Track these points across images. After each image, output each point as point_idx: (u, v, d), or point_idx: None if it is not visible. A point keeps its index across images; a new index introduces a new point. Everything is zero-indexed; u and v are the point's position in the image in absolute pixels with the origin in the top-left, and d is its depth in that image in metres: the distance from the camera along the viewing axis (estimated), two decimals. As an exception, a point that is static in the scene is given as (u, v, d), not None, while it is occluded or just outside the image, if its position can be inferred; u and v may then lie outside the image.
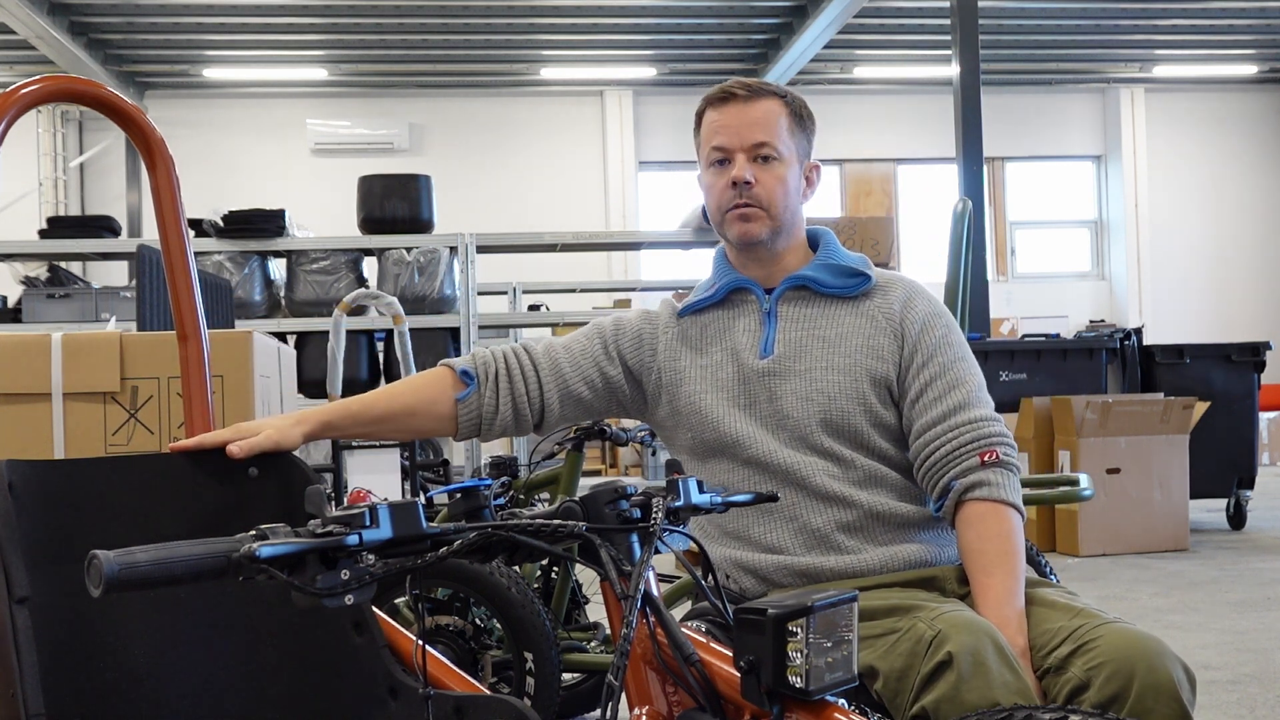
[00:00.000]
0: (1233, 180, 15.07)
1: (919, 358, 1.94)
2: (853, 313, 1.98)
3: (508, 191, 13.86)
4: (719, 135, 1.97)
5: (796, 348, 1.95)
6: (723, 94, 1.99)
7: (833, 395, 1.91)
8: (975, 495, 1.84)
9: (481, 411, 1.96)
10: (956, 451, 1.87)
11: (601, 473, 12.07)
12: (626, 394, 2.05)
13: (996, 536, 1.81)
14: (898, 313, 1.97)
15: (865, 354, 1.94)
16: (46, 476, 1.58)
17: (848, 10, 10.61)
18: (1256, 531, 7.48)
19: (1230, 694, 3.75)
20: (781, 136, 1.96)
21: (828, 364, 1.93)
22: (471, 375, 1.96)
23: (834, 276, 2.00)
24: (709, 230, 7.70)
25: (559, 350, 2.04)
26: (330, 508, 1.22)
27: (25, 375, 2.63)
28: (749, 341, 1.98)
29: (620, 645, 1.28)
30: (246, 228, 7.48)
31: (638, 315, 2.09)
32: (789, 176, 1.97)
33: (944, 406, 1.90)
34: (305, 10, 11.20)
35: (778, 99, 1.98)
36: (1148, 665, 1.57)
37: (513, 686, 3.06)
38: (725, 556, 1.94)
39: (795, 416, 1.91)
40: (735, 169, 1.95)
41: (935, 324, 1.97)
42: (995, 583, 1.76)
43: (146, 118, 1.88)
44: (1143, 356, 7.69)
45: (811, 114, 2.04)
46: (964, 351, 1.98)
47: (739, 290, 2.03)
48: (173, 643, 1.64)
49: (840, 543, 1.87)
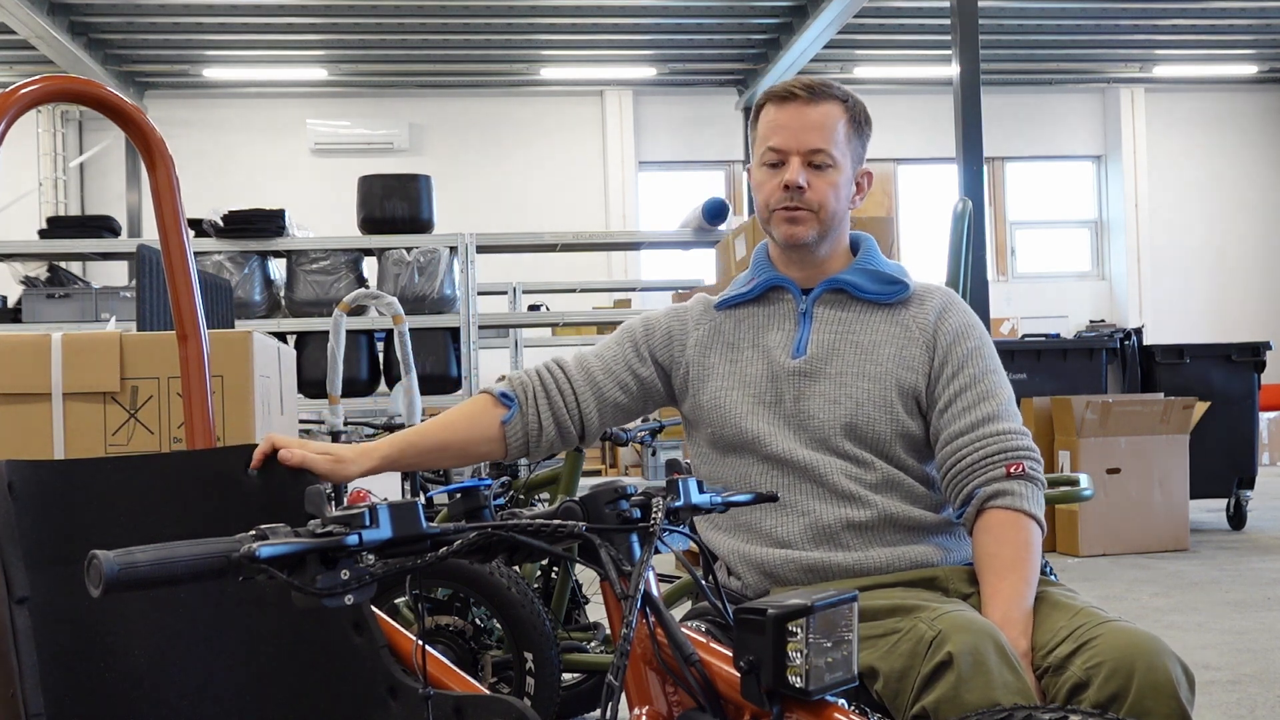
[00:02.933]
0: (1233, 180, 15.07)
1: (950, 368, 1.95)
2: (887, 320, 1.99)
3: (508, 192, 13.86)
4: (776, 135, 1.95)
5: (829, 350, 1.96)
6: (785, 92, 1.97)
7: (860, 401, 1.92)
8: (998, 504, 1.85)
9: (527, 431, 1.99)
10: (984, 461, 1.88)
11: (601, 473, 12.07)
12: (660, 391, 2.07)
13: (1014, 544, 1.81)
14: (931, 323, 1.98)
15: (896, 363, 1.94)
16: (46, 477, 1.58)
17: (848, 10, 10.61)
18: (1256, 531, 7.48)
19: (1230, 694, 3.75)
20: (838, 143, 1.95)
21: (858, 370, 1.94)
22: (511, 398, 1.98)
23: (872, 282, 2.00)
24: (709, 230, 7.70)
25: (591, 360, 2.05)
26: (330, 508, 1.22)
27: (25, 375, 2.63)
28: (782, 340, 1.99)
29: (620, 645, 1.28)
30: (246, 228, 7.49)
31: (666, 314, 2.11)
32: (841, 182, 1.97)
33: (973, 416, 1.91)
34: (305, 10, 11.19)
35: (839, 103, 1.96)
36: (1147, 663, 1.57)
37: (513, 686, 3.06)
38: (732, 549, 1.95)
39: (820, 418, 1.92)
40: (789, 172, 1.94)
41: (969, 335, 1.98)
42: (1006, 586, 1.76)
43: (146, 118, 1.88)
44: (1143, 356, 7.69)
45: (869, 118, 2.02)
46: (996, 365, 1.99)
47: (776, 288, 2.04)
48: (173, 643, 1.64)
49: (848, 541, 1.88)
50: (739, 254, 5.40)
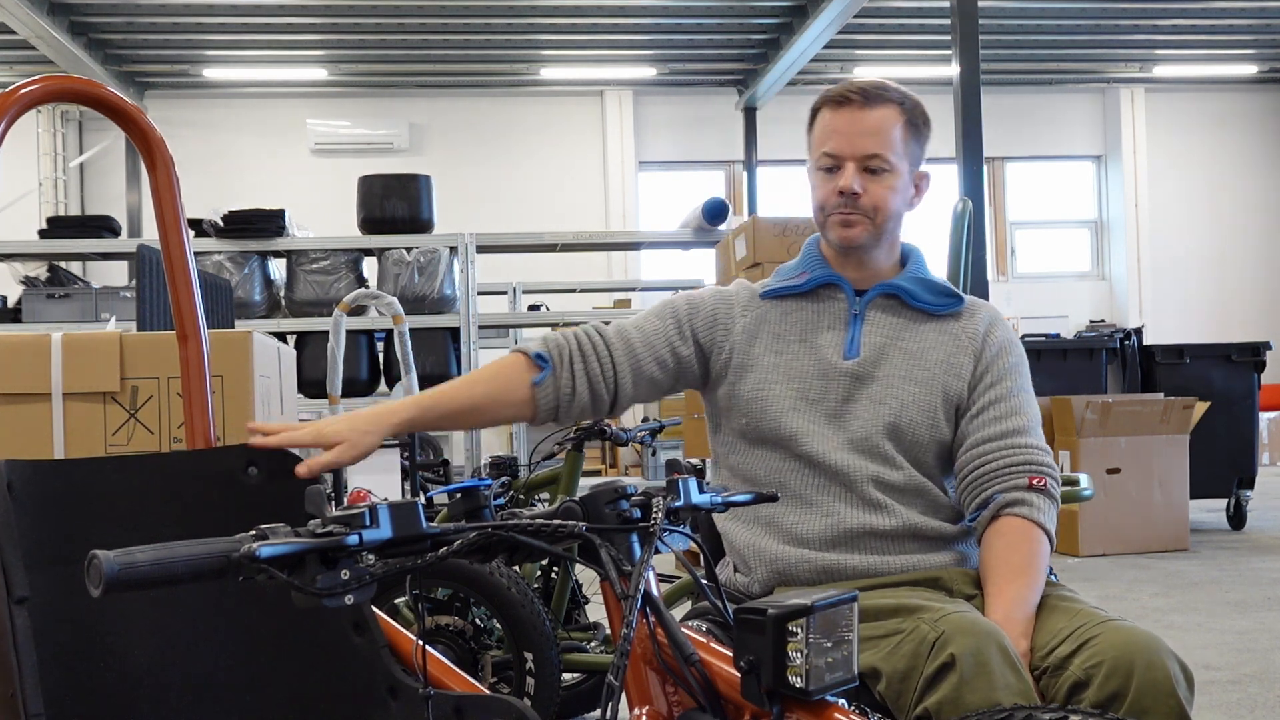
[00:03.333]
0: (1233, 180, 15.07)
1: (989, 377, 1.96)
2: (937, 330, 1.99)
3: (508, 191, 13.86)
4: (831, 140, 1.93)
5: (878, 353, 1.96)
6: (840, 96, 1.94)
7: (905, 403, 1.92)
8: (1015, 511, 1.86)
9: (559, 393, 1.94)
10: (1007, 469, 1.89)
11: (601, 473, 12.07)
12: (695, 373, 2.04)
13: (1024, 552, 1.82)
14: (981, 334, 1.99)
15: (944, 370, 1.95)
16: (46, 476, 1.58)
17: (848, 10, 10.61)
18: (1256, 531, 7.48)
19: (1230, 694, 3.75)
20: (894, 147, 1.93)
21: (906, 374, 1.94)
22: (546, 359, 1.93)
23: (927, 292, 2.00)
24: (709, 230, 7.70)
25: (631, 331, 2.01)
26: (330, 508, 1.22)
27: (25, 375, 2.63)
28: (834, 340, 1.98)
29: (620, 645, 1.28)
30: (246, 228, 7.49)
31: (711, 294, 2.07)
32: (898, 186, 1.95)
33: (1003, 426, 1.93)
34: (305, 10, 11.19)
35: (895, 106, 1.94)
36: (1146, 662, 1.57)
37: (513, 686, 3.06)
38: (748, 543, 1.95)
39: (863, 419, 1.92)
40: (844, 178, 1.92)
41: (1011, 351, 2.01)
42: (1012, 589, 1.76)
43: (146, 118, 1.88)
44: (1143, 356, 7.69)
45: (928, 120, 1.99)
46: (1029, 386, 2.01)
47: (829, 286, 2.02)
48: (173, 643, 1.64)
49: (867, 546, 1.88)
50: (739, 254, 5.40)
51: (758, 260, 5.16)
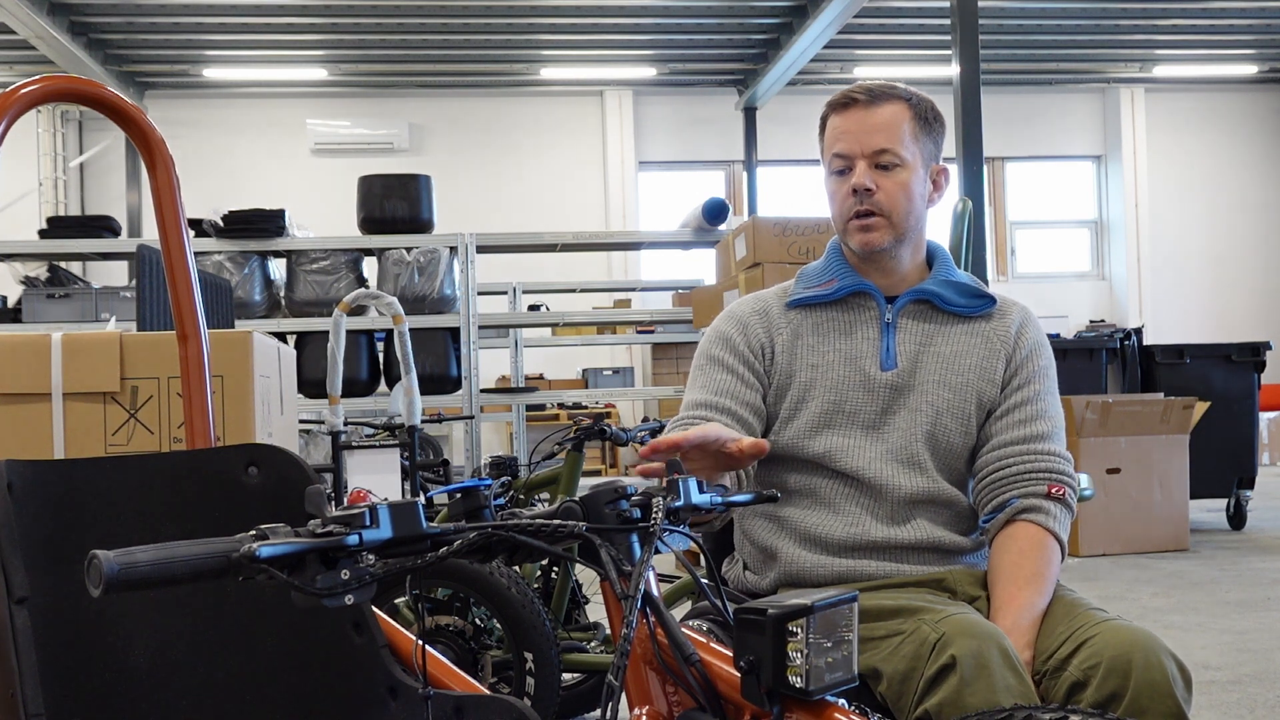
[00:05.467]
0: (1233, 180, 15.06)
1: (1018, 379, 1.95)
2: (968, 332, 1.97)
3: (508, 191, 13.86)
4: (840, 141, 1.92)
5: (913, 361, 1.94)
6: (844, 99, 1.93)
7: (940, 410, 1.92)
8: (1031, 518, 1.85)
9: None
10: (1028, 474, 1.88)
11: (601, 473, 12.07)
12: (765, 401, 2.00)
13: (1037, 560, 1.81)
14: (1013, 335, 1.98)
15: (978, 375, 1.94)
16: (46, 477, 1.58)
17: (848, 10, 10.60)
18: (1256, 531, 7.48)
19: (1230, 694, 3.75)
20: (904, 142, 1.91)
21: (940, 379, 1.93)
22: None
23: (958, 295, 1.98)
24: (709, 230, 7.69)
25: (717, 401, 1.95)
26: (330, 508, 1.22)
27: (25, 375, 2.63)
28: (869, 350, 1.95)
29: (620, 645, 1.28)
30: (246, 228, 7.49)
31: (742, 327, 2.00)
32: (912, 182, 1.92)
33: (1027, 430, 1.92)
34: (305, 10, 11.19)
35: (902, 102, 1.92)
36: (1144, 662, 1.57)
37: (513, 686, 3.06)
38: (762, 543, 1.94)
39: (902, 429, 1.91)
40: (856, 176, 1.90)
41: (1041, 353, 1.99)
42: (1022, 596, 1.76)
43: (146, 118, 1.88)
44: (1143, 356, 7.69)
45: (939, 115, 1.98)
46: (1056, 389, 2.00)
47: (859, 294, 1.99)
48: (173, 643, 1.64)
49: (885, 555, 1.88)
50: (739, 254, 5.40)
51: (758, 260, 5.16)
